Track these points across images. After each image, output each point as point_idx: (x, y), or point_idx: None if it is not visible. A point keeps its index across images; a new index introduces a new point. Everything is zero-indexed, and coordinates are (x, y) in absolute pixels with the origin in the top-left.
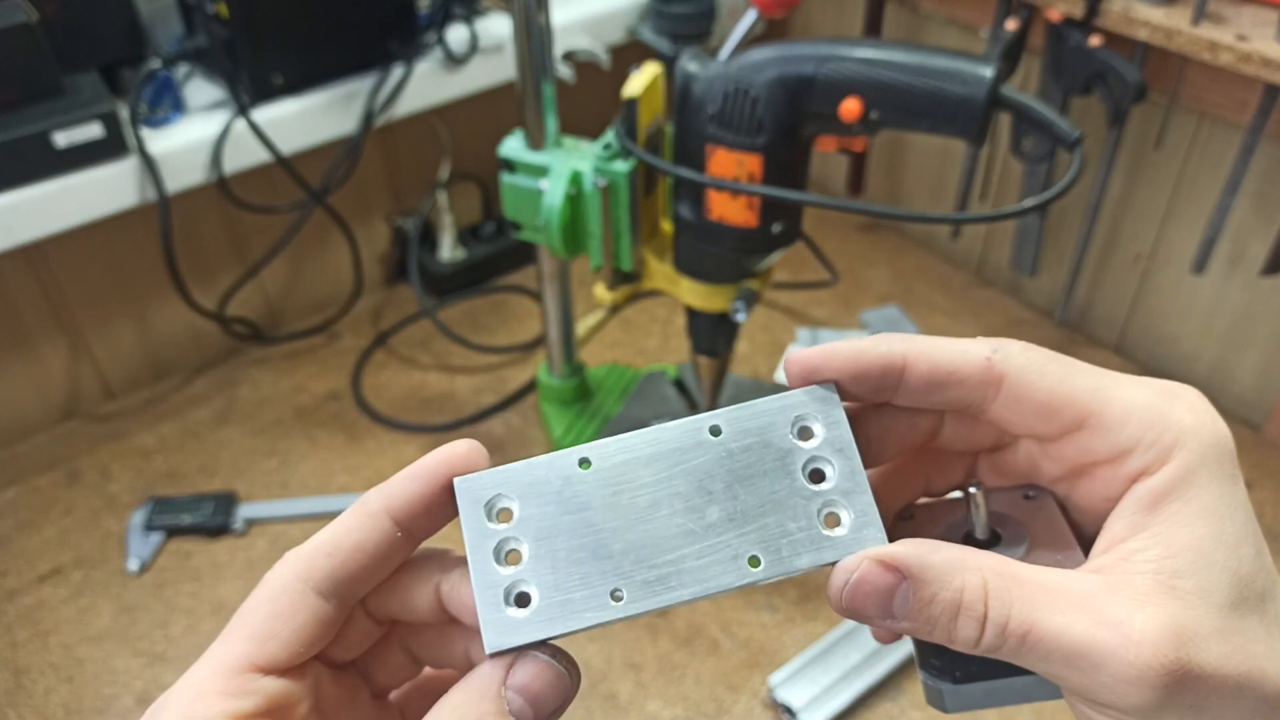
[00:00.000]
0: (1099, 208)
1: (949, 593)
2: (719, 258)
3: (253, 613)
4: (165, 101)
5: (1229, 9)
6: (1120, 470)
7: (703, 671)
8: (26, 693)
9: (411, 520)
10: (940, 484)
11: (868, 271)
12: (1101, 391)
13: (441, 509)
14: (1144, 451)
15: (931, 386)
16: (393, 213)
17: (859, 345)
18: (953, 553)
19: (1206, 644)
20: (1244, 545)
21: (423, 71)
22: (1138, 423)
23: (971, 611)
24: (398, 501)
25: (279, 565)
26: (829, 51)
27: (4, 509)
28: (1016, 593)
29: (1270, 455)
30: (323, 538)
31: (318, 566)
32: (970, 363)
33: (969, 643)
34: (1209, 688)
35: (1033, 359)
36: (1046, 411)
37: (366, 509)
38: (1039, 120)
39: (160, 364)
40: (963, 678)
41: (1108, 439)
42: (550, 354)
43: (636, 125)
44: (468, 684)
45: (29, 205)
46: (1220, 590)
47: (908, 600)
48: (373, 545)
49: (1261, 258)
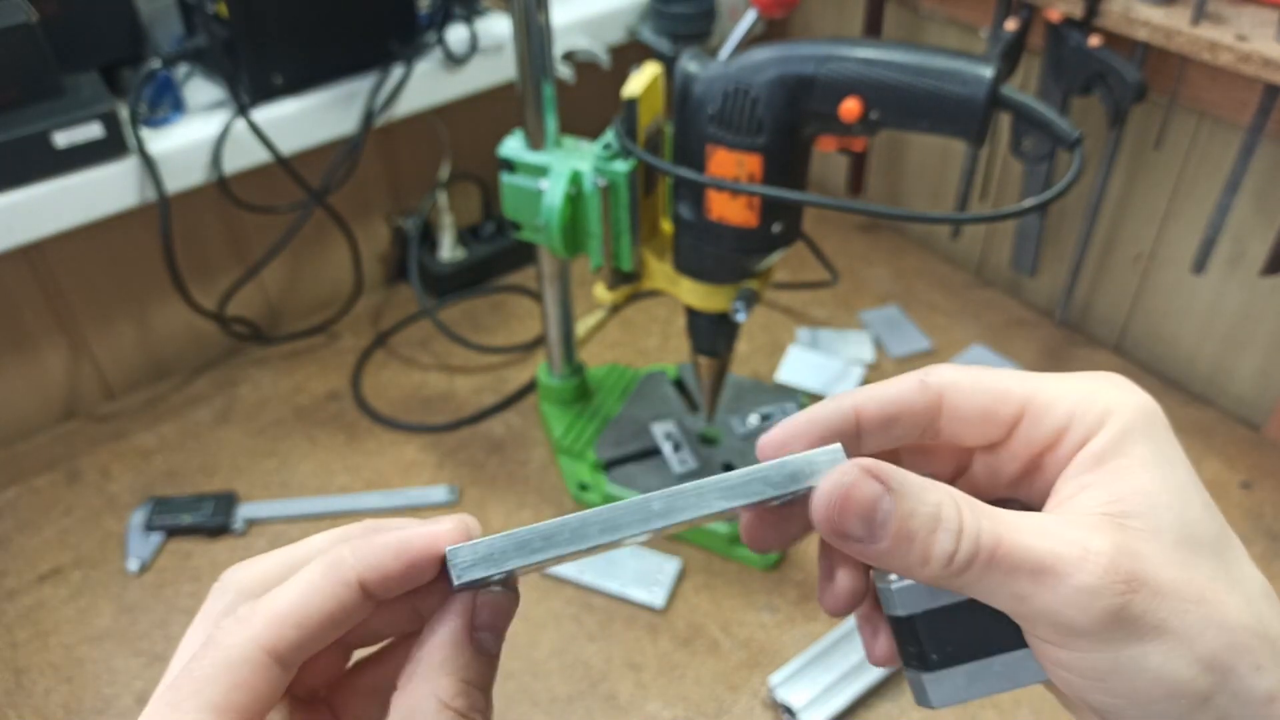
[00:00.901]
0: (1099, 208)
1: (927, 506)
2: (719, 258)
3: (210, 681)
4: (165, 101)
5: (1229, 9)
6: (1062, 451)
7: (703, 671)
8: (26, 693)
9: (381, 594)
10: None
11: (868, 271)
12: (1029, 384)
13: (413, 584)
14: (1078, 425)
15: (886, 424)
16: (393, 213)
17: (813, 413)
18: (924, 478)
19: (1158, 567)
20: (1190, 494)
21: (423, 71)
22: (1068, 402)
23: (949, 524)
24: (373, 576)
25: (238, 629)
26: (829, 51)
27: (4, 509)
28: (985, 512)
29: (1270, 455)
30: (289, 605)
31: (284, 638)
32: (908, 391)
33: (943, 558)
34: (1163, 604)
35: (961, 371)
36: (987, 412)
37: (339, 576)
38: (1039, 120)
39: (160, 364)
40: (939, 661)
41: (1043, 422)
42: (550, 354)
43: (636, 125)
44: (440, 640)
45: (29, 205)
46: (1169, 530)
47: (890, 510)
48: (343, 617)
49: (1261, 258)
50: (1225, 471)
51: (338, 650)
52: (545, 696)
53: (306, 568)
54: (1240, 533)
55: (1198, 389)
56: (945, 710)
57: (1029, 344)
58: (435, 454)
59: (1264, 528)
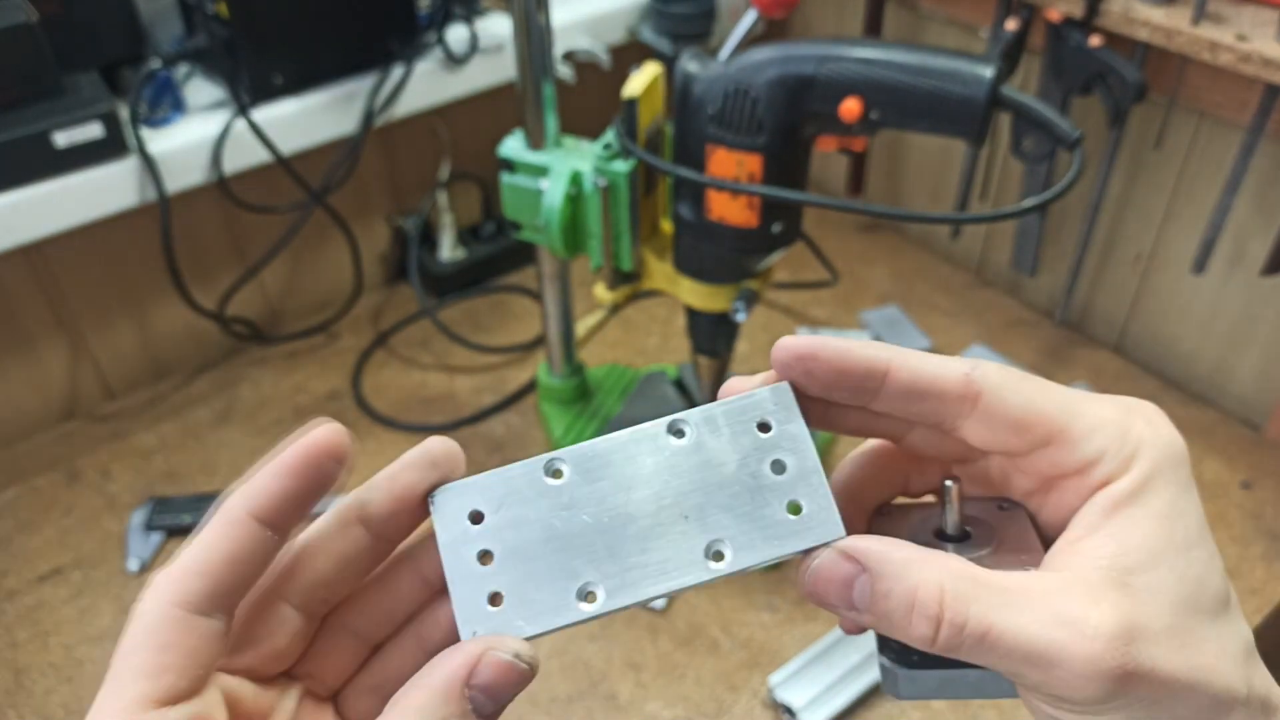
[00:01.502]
0: (1099, 208)
1: (903, 588)
2: (719, 258)
3: (137, 650)
4: (165, 101)
5: (1229, 9)
6: (1085, 481)
7: (703, 671)
8: (26, 693)
9: (279, 519)
10: (918, 486)
11: (868, 271)
12: (1070, 408)
13: (307, 501)
14: (1108, 462)
15: (911, 396)
16: (393, 213)
17: (847, 343)
18: (914, 552)
19: (1156, 641)
20: (1195, 549)
21: (423, 71)
22: (1103, 436)
23: (925, 610)
24: (261, 502)
25: (148, 595)
26: (829, 51)
27: (4, 509)
28: (975, 594)
29: (1270, 455)
30: (189, 556)
31: (191, 589)
32: (950, 377)
33: (924, 640)
34: (1158, 682)
35: (1007, 378)
36: (1019, 427)
37: (230, 516)
38: (1039, 120)
39: (160, 364)
40: (919, 663)
41: (1075, 452)
42: (550, 354)
43: (636, 125)
44: (429, 683)
45: (29, 205)
46: (1170, 588)
47: (866, 591)
48: (246, 554)
49: (1261, 258)
50: (1225, 471)
51: (355, 645)
52: (545, 696)
53: (202, 522)
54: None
55: (1198, 389)
56: (946, 710)
57: (1029, 344)
58: None
59: (1264, 528)
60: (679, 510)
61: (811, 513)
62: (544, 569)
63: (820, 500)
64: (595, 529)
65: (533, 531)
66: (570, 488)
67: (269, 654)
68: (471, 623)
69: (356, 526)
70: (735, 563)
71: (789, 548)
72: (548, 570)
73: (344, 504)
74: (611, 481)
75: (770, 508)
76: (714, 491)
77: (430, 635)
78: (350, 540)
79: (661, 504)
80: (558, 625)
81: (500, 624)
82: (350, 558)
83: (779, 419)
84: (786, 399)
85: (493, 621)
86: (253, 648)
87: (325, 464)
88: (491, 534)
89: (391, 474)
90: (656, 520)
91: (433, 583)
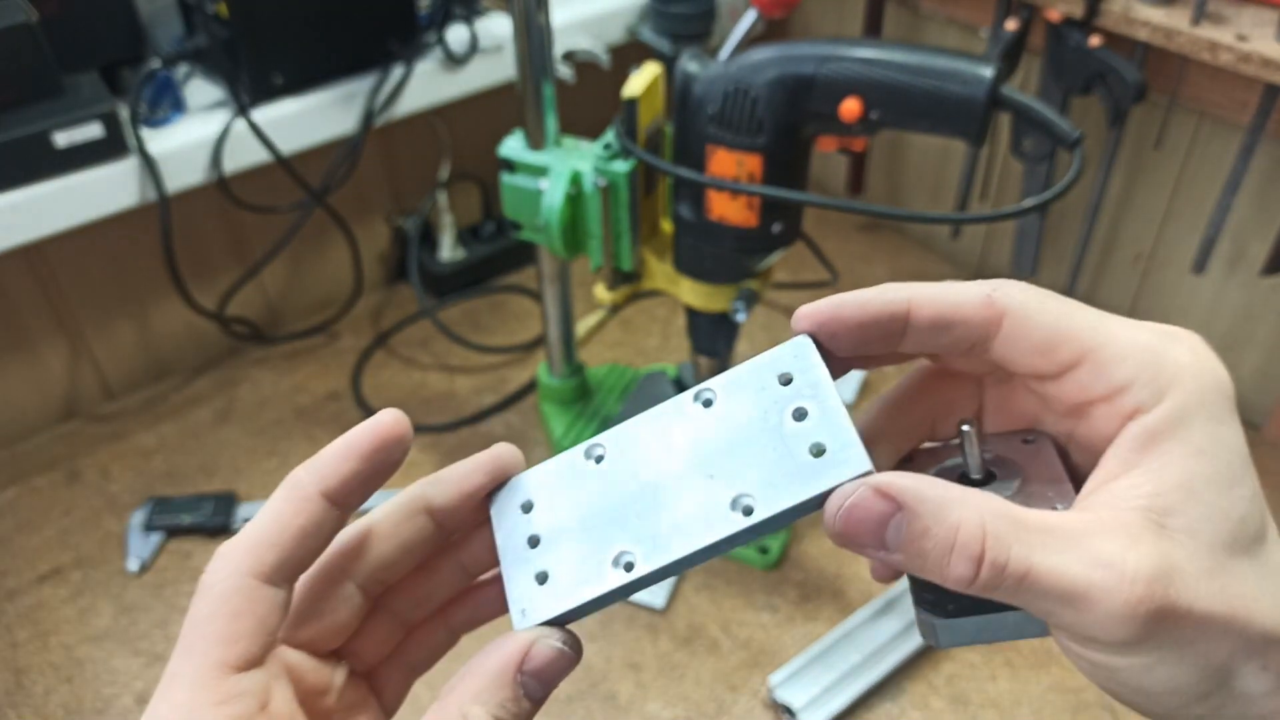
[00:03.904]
0: (1099, 208)
1: (944, 528)
2: (719, 258)
3: (211, 619)
4: (165, 101)
5: (1229, 9)
6: (1116, 408)
7: (703, 671)
8: (26, 693)
9: (346, 498)
10: (944, 429)
11: (868, 271)
12: (1100, 328)
13: (372, 482)
14: (1140, 389)
15: (936, 329)
16: (393, 213)
17: (863, 295)
18: (951, 490)
19: (1193, 583)
20: (1237, 486)
21: (423, 71)
22: (1135, 360)
23: (966, 550)
24: (331, 481)
25: (221, 564)
26: (829, 51)
27: (4, 509)
28: (1015, 534)
29: (1270, 455)
30: (263, 530)
31: (264, 561)
32: (971, 301)
33: (962, 581)
34: (1192, 623)
35: (1031, 296)
36: (1046, 347)
37: (301, 492)
38: (1039, 120)
39: (160, 364)
40: (955, 611)
41: (1104, 375)
42: (550, 354)
43: (636, 125)
44: (484, 669)
45: (29, 205)
46: (1209, 529)
47: (901, 531)
48: (314, 529)
49: (1261, 258)
50: None
51: (394, 625)
52: None
53: (270, 498)
54: None
55: None
56: (946, 711)
57: None
58: (435, 454)
59: None
60: (705, 471)
61: (835, 450)
62: (583, 544)
63: (844, 437)
64: (627, 500)
65: (574, 511)
66: (609, 468)
67: (331, 629)
68: (520, 601)
69: (422, 516)
70: (763, 510)
71: (815, 487)
72: (587, 545)
73: (412, 493)
74: (643, 455)
75: (794, 455)
76: (738, 449)
77: (459, 619)
78: (414, 528)
79: (688, 468)
80: (597, 594)
81: (547, 599)
82: (412, 544)
83: (799, 369)
84: (805, 350)
85: (539, 598)
86: (316, 621)
87: (392, 449)
88: (539, 520)
89: (464, 474)
90: (683, 483)
91: (471, 572)
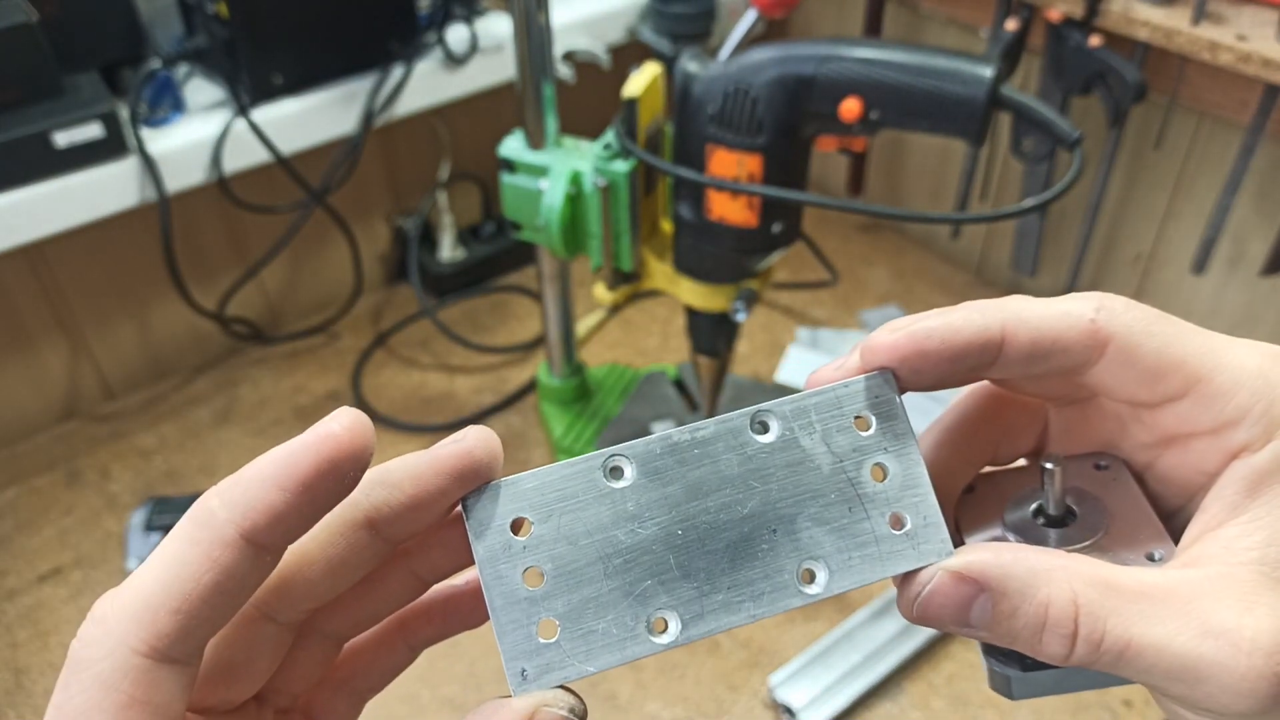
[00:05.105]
0: (1099, 208)
1: (1033, 606)
2: (719, 258)
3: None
4: (165, 101)
5: (1229, 9)
6: (1220, 443)
7: (703, 671)
8: (26, 693)
9: (277, 539)
10: (1008, 452)
11: (868, 271)
12: (1211, 356)
13: (313, 516)
14: (1250, 425)
15: (1034, 358)
16: (393, 213)
17: (951, 321)
18: (1038, 560)
19: None
20: None
21: (423, 71)
22: (1247, 392)
23: (1059, 628)
24: (256, 518)
25: (99, 637)
26: (829, 51)
27: (4, 509)
28: (1111, 604)
29: None
30: (157, 585)
31: (162, 632)
32: (1075, 327)
33: (1057, 657)
34: None
35: (1138, 317)
36: (1152, 376)
37: (214, 534)
38: (1039, 120)
39: (160, 364)
40: (1032, 665)
41: (1213, 409)
42: (550, 354)
43: (636, 125)
44: None
45: (29, 205)
46: None
47: (987, 612)
48: (234, 584)
49: (1261, 258)
50: None
51: (327, 647)
52: None
53: (169, 535)
54: None
55: None
56: (945, 711)
57: None
58: None
59: None
60: (764, 522)
61: (918, 527)
62: (606, 592)
63: (927, 513)
64: (666, 543)
65: (591, 545)
66: (635, 492)
67: (245, 681)
68: (520, 659)
69: (362, 531)
70: (832, 586)
71: (892, 568)
72: (611, 594)
73: (351, 504)
74: (684, 485)
75: (870, 520)
76: (806, 500)
77: (422, 636)
78: (350, 545)
79: (744, 514)
80: (625, 660)
81: (556, 660)
82: (349, 564)
83: (880, 415)
84: (887, 392)
85: (546, 657)
86: (227, 680)
87: (344, 470)
88: (539, 547)
89: (417, 474)
90: (740, 534)
91: (427, 580)
